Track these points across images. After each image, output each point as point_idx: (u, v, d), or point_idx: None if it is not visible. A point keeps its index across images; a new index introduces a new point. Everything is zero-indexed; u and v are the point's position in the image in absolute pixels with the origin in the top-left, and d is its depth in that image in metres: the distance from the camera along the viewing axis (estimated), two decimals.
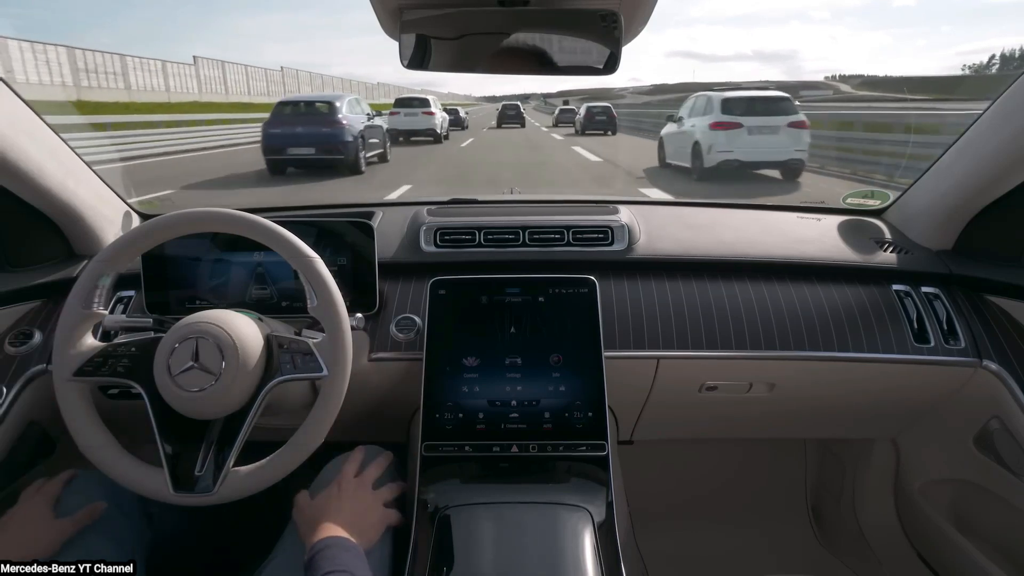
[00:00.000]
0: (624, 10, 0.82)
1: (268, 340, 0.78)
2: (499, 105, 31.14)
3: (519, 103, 28.65)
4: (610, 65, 0.86)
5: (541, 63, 0.87)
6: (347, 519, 0.75)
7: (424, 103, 16.01)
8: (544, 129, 25.38)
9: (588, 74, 0.89)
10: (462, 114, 25.20)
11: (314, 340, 0.78)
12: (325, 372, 0.76)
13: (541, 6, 0.83)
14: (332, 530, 0.72)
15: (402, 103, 16.17)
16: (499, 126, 26.57)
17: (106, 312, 0.79)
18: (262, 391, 0.75)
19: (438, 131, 16.10)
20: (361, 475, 0.84)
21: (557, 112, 29.11)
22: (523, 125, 26.88)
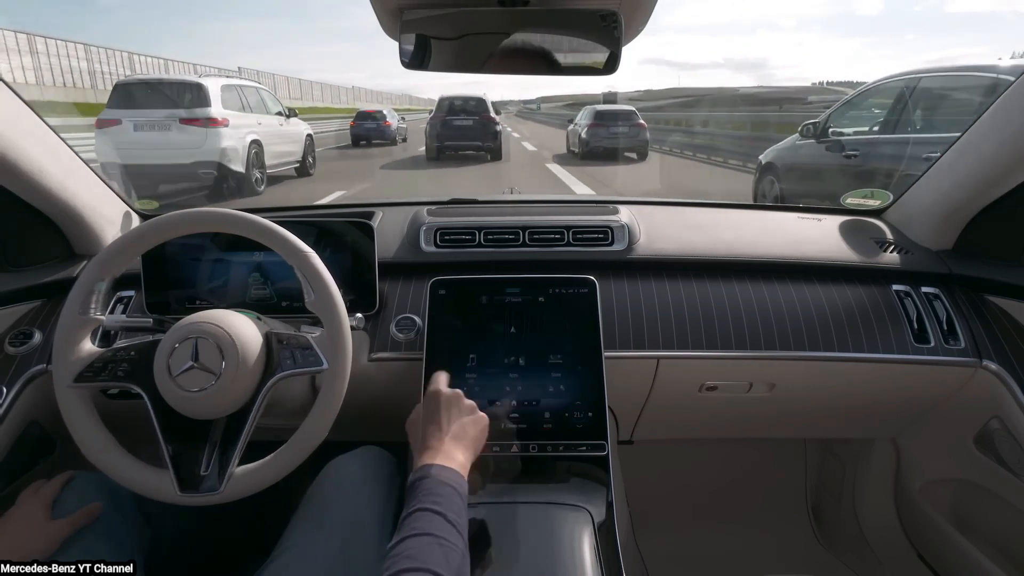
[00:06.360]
0: (624, 10, 0.82)
1: (267, 337, 0.78)
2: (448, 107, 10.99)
3: (484, 98, 11.08)
4: (610, 65, 0.86)
5: (541, 63, 0.88)
6: (454, 435, 0.74)
7: None
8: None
9: (588, 74, 0.89)
10: (398, 125, 13.48)
11: (313, 335, 0.78)
12: (325, 366, 0.75)
13: (541, 6, 0.83)
14: (435, 454, 0.70)
15: None
16: (432, 157, 11.00)
17: (103, 317, 0.79)
18: (263, 389, 0.75)
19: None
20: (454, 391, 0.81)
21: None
22: (497, 154, 11.01)
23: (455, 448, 0.73)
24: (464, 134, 10.98)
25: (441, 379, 0.84)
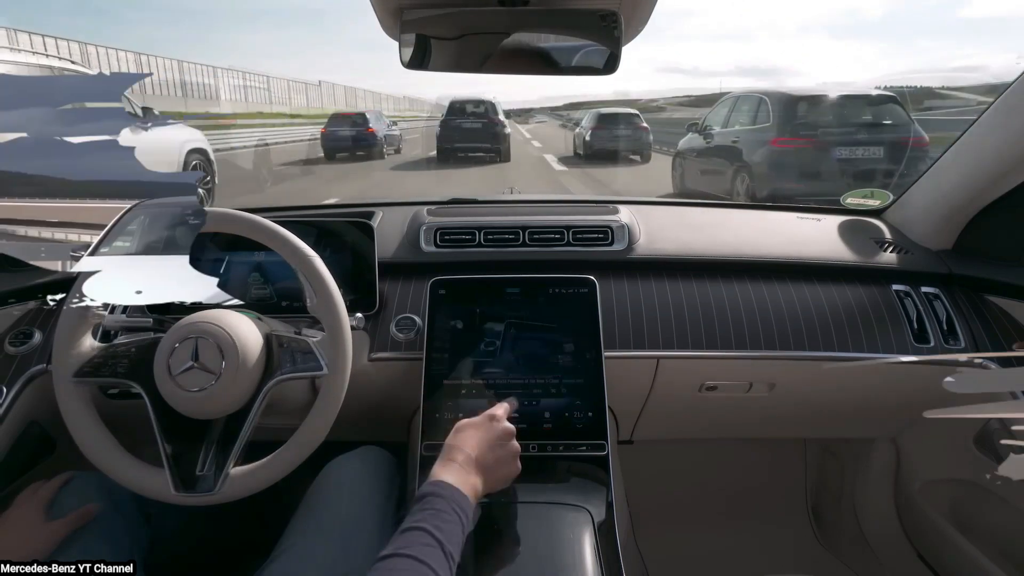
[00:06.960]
0: (624, 10, 0.82)
1: (268, 339, 0.78)
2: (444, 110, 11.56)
3: (490, 100, 11.21)
4: (610, 65, 0.86)
5: (541, 63, 0.87)
6: (483, 459, 0.73)
7: None
8: None
9: (588, 74, 0.89)
10: (387, 133, 12.41)
11: (314, 339, 0.78)
12: (325, 370, 0.75)
13: (541, 6, 0.83)
14: (459, 473, 0.69)
15: None
16: (439, 159, 11.11)
17: (105, 314, 0.79)
18: (263, 390, 0.75)
19: None
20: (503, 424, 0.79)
21: None
22: (504, 155, 10.98)
23: (479, 478, 0.72)
24: (471, 136, 11.01)
25: (505, 409, 0.81)
